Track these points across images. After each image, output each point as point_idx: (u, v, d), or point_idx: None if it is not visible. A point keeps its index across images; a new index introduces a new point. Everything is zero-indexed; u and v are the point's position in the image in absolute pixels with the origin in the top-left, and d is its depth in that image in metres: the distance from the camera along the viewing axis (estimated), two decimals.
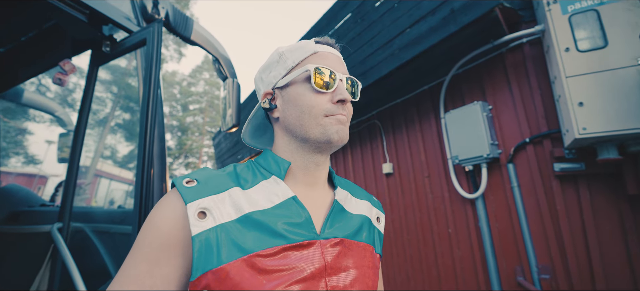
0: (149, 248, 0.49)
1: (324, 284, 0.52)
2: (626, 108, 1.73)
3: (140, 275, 0.47)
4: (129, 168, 21.89)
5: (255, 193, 0.56)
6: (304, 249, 0.53)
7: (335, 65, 0.63)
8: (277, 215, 0.54)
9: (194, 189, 0.53)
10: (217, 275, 0.47)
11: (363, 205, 0.70)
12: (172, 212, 0.51)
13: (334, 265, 0.55)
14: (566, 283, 2.08)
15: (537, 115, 2.30)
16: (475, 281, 2.60)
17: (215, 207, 0.52)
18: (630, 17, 1.80)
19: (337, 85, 0.61)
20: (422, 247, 3.07)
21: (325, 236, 0.57)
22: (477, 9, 2.11)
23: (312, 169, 0.64)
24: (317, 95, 0.60)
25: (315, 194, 0.64)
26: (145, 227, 0.51)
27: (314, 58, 0.64)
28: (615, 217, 1.96)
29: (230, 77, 2.50)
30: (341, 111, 0.61)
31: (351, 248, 0.60)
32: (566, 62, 1.92)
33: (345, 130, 0.61)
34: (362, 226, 0.65)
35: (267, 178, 0.60)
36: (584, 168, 2.04)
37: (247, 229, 0.51)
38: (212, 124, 31.20)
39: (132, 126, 18.39)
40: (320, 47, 0.65)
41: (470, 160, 2.55)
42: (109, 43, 2.02)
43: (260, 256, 0.49)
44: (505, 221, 2.45)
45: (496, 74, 2.57)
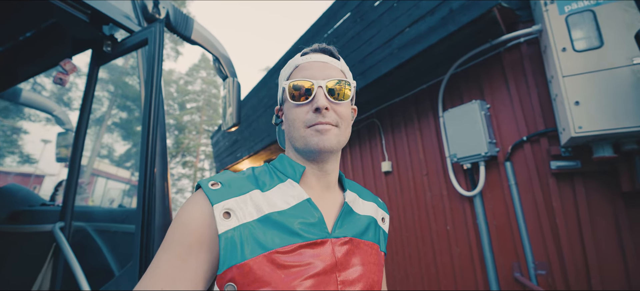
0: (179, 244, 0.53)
1: (334, 279, 0.57)
2: (621, 107, 1.76)
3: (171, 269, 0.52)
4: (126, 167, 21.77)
5: (273, 195, 0.61)
6: (317, 247, 0.58)
7: (315, 73, 0.65)
8: (293, 215, 0.59)
9: (219, 191, 0.58)
10: (241, 269, 0.52)
11: (370, 207, 0.75)
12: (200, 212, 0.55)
13: (343, 261, 0.60)
14: (562, 279, 2.12)
15: (534, 113, 2.33)
16: (473, 278, 2.64)
17: (238, 208, 0.56)
18: (625, 17, 1.84)
19: (314, 93, 0.63)
20: (420, 245, 3.11)
21: (336, 236, 0.61)
22: (476, 9, 2.14)
23: (320, 175, 0.68)
24: (298, 108, 0.65)
25: (327, 196, 0.69)
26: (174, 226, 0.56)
27: (296, 72, 0.68)
28: (610, 213, 2.00)
29: (230, 76, 2.51)
30: (321, 119, 0.62)
31: (359, 247, 0.64)
32: (563, 61, 1.95)
33: (328, 139, 0.62)
34: (368, 226, 0.70)
35: (283, 181, 0.65)
36: (580, 166, 2.08)
37: (267, 228, 0.56)
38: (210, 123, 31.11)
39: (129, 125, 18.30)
40: (304, 58, 0.69)
41: (469, 158, 2.58)
42: (110, 43, 2.03)
43: (279, 252, 0.54)
44: (503, 219, 2.49)
45: (494, 73, 2.60)
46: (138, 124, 9.64)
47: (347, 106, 0.67)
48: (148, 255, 1.61)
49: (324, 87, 0.64)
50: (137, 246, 1.59)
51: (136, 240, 1.60)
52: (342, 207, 0.67)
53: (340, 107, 0.65)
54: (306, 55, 0.70)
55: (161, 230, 1.92)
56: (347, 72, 0.73)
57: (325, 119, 0.63)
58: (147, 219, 1.63)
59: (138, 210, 1.64)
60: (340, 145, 0.66)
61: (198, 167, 30.79)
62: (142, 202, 1.63)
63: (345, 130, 0.67)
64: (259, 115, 5.41)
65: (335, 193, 0.71)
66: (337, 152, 0.69)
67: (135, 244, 1.60)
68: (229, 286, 0.52)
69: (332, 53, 0.72)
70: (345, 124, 0.67)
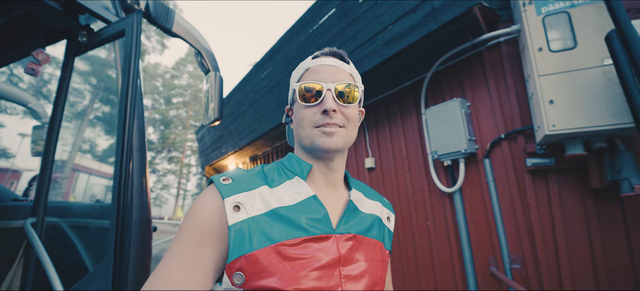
0: (192, 235, 0.57)
1: (338, 272, 0.61)
2: (591, 106, 1.83)
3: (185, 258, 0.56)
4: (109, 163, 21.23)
5: (281, 192, 0.65)
6: (322, 241, 0.61)
7: (325, 76, 0.68)
8: (299, 210, 0.63)
9: (230, 186, 0.62)
10: (249, 259, 0.56)
11: (375, 206, 0.78)
12: (212, 205, 0.59)
13: (347, 256, 0.63)
14: (535, 271, 2.19)
15: (512, 112, 2.39)
16: (451, 272, 2.70)
17: (247, 202, 0.60)
18: (597, 20, 1.90)
19: (323, 96, 0.67)
20: (401, 240, 3.15)
21: (340, 232, 0.65)
22: (457, 8, 2.17)
23: (327, 172, 0.71)
24: (307, 109, 0.68)
25: (332, 194, 0.72)
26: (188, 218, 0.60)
27: (306, 74, 0.72)
28: (580, 209, 2.08)
29: (212, 70, 2.46)
30: (328, 120, 0.66)
31: (363, 243, 0.68)
32: (539, 61, 2.01)
33: (334, 140, 0.66)
34: (373, 224, 0.73)
35: (291, 179, 0.68)
36: (553, 164, 2.15)
37: (274, 222, 0.60)
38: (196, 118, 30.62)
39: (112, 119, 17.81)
40: (314, 61, 0.72)
41: (449, 155, 2.63)
42: (85, 33, 1.97)
43: (285, 245, 0.58)
44: (481, 214, 2.55)
45: (475, 72, 2.65)
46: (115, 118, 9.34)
47: (354, 108, 0.70)
48: (123, 250, 1.59)
49: (332, 90, 0.67)
50: (112, 242, 1.56)
51: (111, 236, 1.57)
52: (347, 205, 0.71)
53: (347, 109, 0.68)
54: (317, 58, 0.73)
55: (138, 225, 1.89)
56: (355, 76, 0.75)
57: (332, 120, 0.66)
58: (122, 214, 1.60)
59: (113, 206, 1.61)
60: (347, 145, 0.69)
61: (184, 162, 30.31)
62: (116, 197, 1.60)
63: (351, 131, 0.70)
64: (244, 111, 5.36)
65: (341, 191, 0.75)
66: (343, 152, 0.72)
67: (109, 239, 1.57)
68: (237, 275, 0.56)
69: (342, 57, 0.74)
70: (352, 125, 0.70)
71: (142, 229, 1.97)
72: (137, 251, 1.88)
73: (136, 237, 1.89)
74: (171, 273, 0.54)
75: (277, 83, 4.31)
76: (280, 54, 4.33)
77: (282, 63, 4.24)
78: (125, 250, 1.62)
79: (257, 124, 4.88)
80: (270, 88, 4.45)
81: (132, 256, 1.83)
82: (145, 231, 2.02)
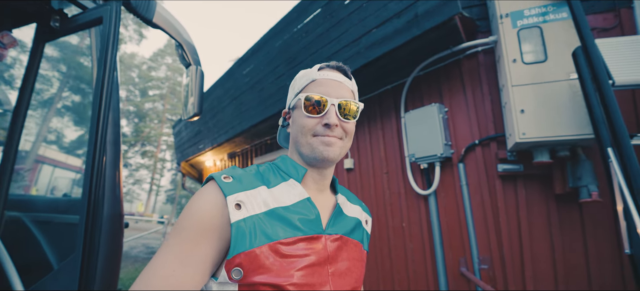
0: (191, 230, 0.59)
1: (326, 270, 0.65)
2: (558, 117, 1.95)
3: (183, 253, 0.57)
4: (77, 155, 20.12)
5: (278, 192, 0.68)
6: (314, 241, 0.65)
7: (330, 90, 0.72)
8: (294, 211, 0.66)
9: (232, 184, 0.64)
10: (248, 256, 0.58)
11: (356, 209, 0.84)
12: (214, 202, 0.61)
13: (334, 255, 0.68)
14: (501, 272, 2.31)
15: (487, 119, 2.50)
16: (424, 272, 2.78)
17: (248, 201, 0.63)
18: (566, 37, 2.02)
19: (327, 110, 0.70)
20: (377, 241, 3.21)
21: (329, 232, 0.70)
22: (439, 16, 2.24)
23: (318, 178, 0.76)
24: (308, 118, 0.71)
25: (322, 197, 0.77)
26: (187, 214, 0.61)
27: (312, 85, 0.74)
28: (544, 212, 2.21)
29: (193, 64, 2.40)
30: (329, 133, 0.70)
31: (347, 244, 0.73)
32: (513, 72, 2.11)
33: (333, 150, 0.70)
34: (355, 226, 0.78)
35: (286, 181, 0.72)
36: (522, 170, 2.27)
37: (272, 221, 0.63)
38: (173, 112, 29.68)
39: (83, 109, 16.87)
40: (321, 73, 0.75)
41: (426, 158, 2.71)
42: (58, 18, 1.87)
43: (282, 243, 0.61)
44: (454, 217, 2.65)
45: (453, 79, 2.75)
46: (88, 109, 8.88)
47: (353, 123, 0.74)
48: (92, 246, 1.53)
49: (336, 105, 0.70)
50: (81, 237, 1.49)
51: (80, 231, 1.50)
52: (334, 208, 0.76)
53: (347, 124, 0.72)
54: (322, 70, 0.76)
55: (110, 220, 1.82)
56: (355, 92, 0.80)
57: (333, 133, 0.70)
58: (93, 209, 1.54)
59: (83, 200, 1.54)
60: (341, 156, 0.74)
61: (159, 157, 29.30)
62: (88, 191, 1.53)
63: (347, 143, 0.75)
64: (224, 107, 5.26)
65: (328, 195, 0.80)
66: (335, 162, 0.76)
67: (78, 235, 1.50)
68: (236, 270, 0.58)
69: (346, 73, 0.78)
70: (349, 138, 0.74)
71: (114, 225, 1.90)
72: (107, 248, 1.82)
73: (106, 233, 1.82)
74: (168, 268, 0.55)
75: (259, 81, 4.26)
76: (263, 51, 4.29)
77: (265, 61, 4.20)
78: (95, 246, 1.55)
79: (236, 121, 4.80)
80: (252, 85, 4.40)
81: (102, 253, 1.77)
82: (117, 227, 1.95)
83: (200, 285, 0.59)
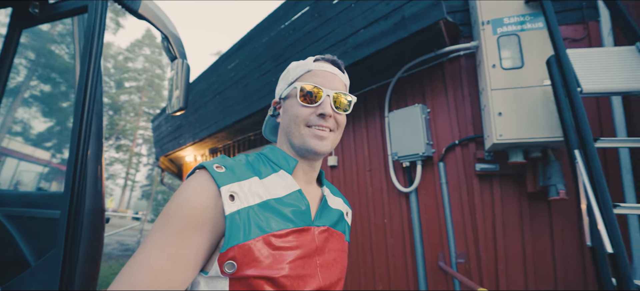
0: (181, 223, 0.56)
1: (314, 262, 0.66)
2: (532, 120, 2.08)
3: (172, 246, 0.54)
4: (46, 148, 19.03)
5: (270, 183, 0.67)
6: (304, 233, 0.66)
7: (325, 82, 0.72)
8: (286, 203, 0.66)
9: (225, 174, 0.62)
10: (242, 248, 0.56)
11: (338, 202, 0.85)
12: (206, 193, 0.59)
13: (322, 247, 0.69)
14: (476, 265, 2.44)
15: (466, 120, 2.62)
16: (404, 266, 2.89)
17: (242, 192, 0.61)
18: (541, 45, 2.16)
19: (322, 100, 0.71)
20: (359, 236, 3.29)
21: (317, 224, 0.70)
22: (425, 20, 2.32)
23: (308, 170, 0.76)
24: (303, 108, 0.71)
25: (310, 189, 0.77)
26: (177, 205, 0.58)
27: (307, 75, 0.74)
28: (517, 210, 2.36)
29: (179, 57, 2.36)
30: (323, 123, 0.71)
31: (333, 235, 0.75)
32: (492, 76, 2.23)
33: (324, 144, 0.71)
34: (339, 218, 0.80)
35: (276, 172, 0.71)
36: (498, 169, 2.40)
37: (265, 212, 0.62)
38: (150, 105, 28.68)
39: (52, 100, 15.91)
40: (316, 64, 0.75)
41: (408, 157, 2.81)
42: (37, 4, 1.79)
43: (275, 236, 0.60)
44: (433, 213, 2.76)
45: (436, 81, 2.85)
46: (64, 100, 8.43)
47: (345, 116, 0.76)
48: (74, 242, 1.49)
49: (331, 96, 0.71)
50: (63, 233, 1.46)
51: (61, 226, 1.47)
52: (321, 200, 0.77)
53: (339, 116, 0.73)
54: (318, 61, 0.76)
55: (91, 215, 1.77)
56: (348, 86, 0.81)
57: (326, 124, 0.71)
58: (76, 204, 1.50)
59: (65, 194, 1.50)
60: (332, 149, 0.76)
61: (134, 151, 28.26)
62: (70, 185, 1.50)
63: (338, 136, 0.76)
64: (207, 101, 5.18)
65: (315, 187, 0.80)
66: None
67: (60, 230, 1.46)
68: (229, 264, 0.56)
69: (340, 66, 0.79)
70: (340, 130, 0.76)
71: (95, 220, 1.86)
72: (87, 244, 1.77)
73: (88, 229, 1.78)
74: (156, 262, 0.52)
75: (244, 76, 4.23)
76: (249, 47, 4.25)
77: (250, 56, 4.17)
78: (77, 242, 1.52)
79: (220, 116, 4.74)
80: (237, 80, 4.36)
81: (82, 250, 1.72)
82: (98, 222, 1.90)
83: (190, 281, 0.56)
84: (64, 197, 1.51)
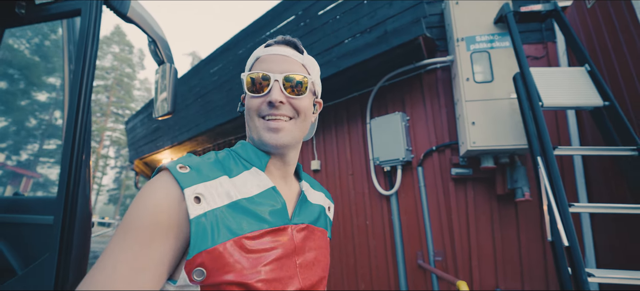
0: (142, 230, 0.50)
1: (293, 262, 0.62)
2: (501, 129, 2.31)
3: (134, 256, 0.49)
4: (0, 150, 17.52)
5: (241, 182, 0.62)
6: (280, 233, 0.61)
7: (274, 66, 0.66)
8: (259, 202, 0.61)
9: (189, 175, 0.56)
10: (211, 254, 0.52)
11: (319, 196, 0.81)
12: (168, 196, 0.53)
13: (301, 246, 0.65)
14: (452, 262, 2.64)
15: (443, 128, 2.83)
16: (385, 265, 3.05)
17: (208, 193, 0.56)
18: (508, 62, 2.40)
19: (270, 86, 0.64)
20: (342, 238, 3.42)
21: (295, 222, 0.66)
22: (406, 35, 2.50)
23: (281, 165, 0.71)
24: (254, 99, 0.66)
25: (286, 185, 0.72)
26: (137, 210, 0.52)
27: (256, 63, 0.69)
28: (488, 211, 2.59)
29: (167, 61, 2.38)
30: (274, 112, 0.64)
31: (314, 233, 0.70)
32: (466, 89, 2.44)
33: (280, 136, 0.65)
34: (320, 214, 0.76)
35: (248, 169, 0.66)
36: (471, 173, 2.62)
37: (236, 214, 0.57)
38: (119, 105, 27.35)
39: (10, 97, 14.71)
40: (265, 50, 0.69)
41: (389, 162, 2.98)
42: (24, 4, 1.76)
43: (247, 238, 0.56)
44: (412, 215, 2.95)
45: (414, 90, 3.05)
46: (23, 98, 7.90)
47: (305, 99, 0.68)
48: (69, 247, 1.50)
49: (280, 81, 0.64)
50: (57, 239, 1.46)
51: (56, 231, 1.47)
52: (299, 196, 0.72)
53: (296, 101, 0.66)
54: (270, 46, 0.70)
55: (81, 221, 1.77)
56: (310, 66, 0.72)
57: (279, 111, 0.64)
58: (70, 209, 1.51)
59: (59, 200, 1.51)
60: (296, 139, 0.68)
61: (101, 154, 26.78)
62: (64, 191, 1.50)
63: (301, 124, 0.68)
64: (188, 105, 5.12)
65: (292, 183, 0.75)
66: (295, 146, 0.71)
67: (54, 236, 1.47)
68: (198, 271, 0.52)
69: (296, 46, 0.71)
70: (303, 116, 0.68)
71: (84, 225, 1.85)
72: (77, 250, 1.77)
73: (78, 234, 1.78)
74: (116, 274, 0.47)
75: (227, 80, 4.25)
76: (232, 52, 4.28)
77: (234, 61, 4.19)
78: (71, 248, 1.53)
79: (201, 119, 4.71)
80: (220, 84, 4.36)
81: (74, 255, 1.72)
82: (87, 227, 1.90)
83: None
84: (57, 201, 1.51)
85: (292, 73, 0.65)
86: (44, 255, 1.49)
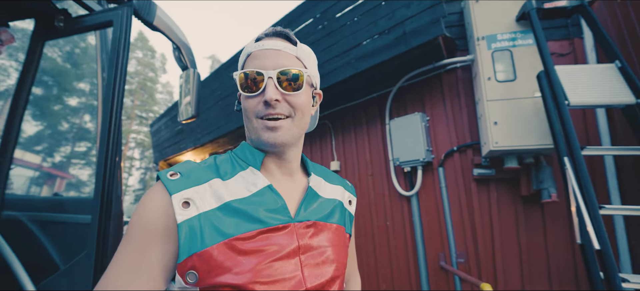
0: (139, 236, 0.55)
1: (297, 261, 0.60)
2: (524, 129, 2.25)
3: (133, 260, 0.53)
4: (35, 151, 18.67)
5: (235, 184, 0.62)
6: (280, 232, 0.60)
7: (266, 62, 0.63)
8: (254, 202, 0.60)
9: (178, 181, 0.58)
10: (201, 257, 0.53)
11: (336, 190, 0.77)
12: (158, 203, 0.56)
13: (306, 244, 0.62)
14: (475, 264, 2.59)
15: (464, 128, 2.78)
16: (406, 266, 3.03)
17: (198, 197, 0.57)
18: (532, 60, 2.34)
19: (264, 85, 0.62)
20: (362, 239, 3.42)
21: (299, 220, 0.63)
22: (425, 35, 2.48)
23: (280, 163, 0.69)
24: (249, 99, 0.64)
25: (290, 182, 0.70)
26: (135, 218, 0.56)
27: (248, 60, 0.66)
28: (512, 212, 2.52)
29: (190, 66, 2.47)
30: (271, 111, 0.62)
31: (324, 229, 0.67)
32: (488, 88, 2.40)
33: (278, 135, 0.62)
34: (334, 209, 0.72)
35: (244, 169, 0.65)
36: (494, 174, 2.56)
37: (227, 216, 0.57)
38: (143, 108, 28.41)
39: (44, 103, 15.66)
40: (257, 44, 0.66)
41: (409, 162, 2.96)
42: (62, 17, 1.88)
43: (240, 239, 0.56)
44: (433, 216, 2.91)
45: (434, 91, 3.02)
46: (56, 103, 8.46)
47: (302, 94, 0.65)
48: (106, 245, 1.59)
49: (274, 78, 0.62)
50: (94, 237, 1.56)
51: (92, 230, 1.57)
52: (306, 192, 0.69)
53: (293, 97, 0.63)
54: (260, 40, 0.67)
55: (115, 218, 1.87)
56: (305, 58, 0.68)
57: (275, 110, 0.62)
58: (106, 208, 1.60)
59: (96, 200, 1.61)
60: (295, 137, 0.66)
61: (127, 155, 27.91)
62: (100, 192, 1.60)
63: (300, 120, 0.66)
64: (209, 107, 5.27)
65: (298, 178, 0.73)
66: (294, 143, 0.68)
67: (91, 234, 1.56)
68: (190, 274, 0.54)
69: (288, 37, 0.68)
70: (301, 113, 0.65)
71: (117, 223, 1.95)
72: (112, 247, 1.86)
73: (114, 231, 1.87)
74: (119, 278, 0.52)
75: None
76: None
77: None
78: (107, 245, 1.62)
79: (222, 122, 4.84)
80: None
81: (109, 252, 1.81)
82: (119, 225, 2.00)
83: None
84: (94, 202, 1.61)
85: (287, 68, 0.63)
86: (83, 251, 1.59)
